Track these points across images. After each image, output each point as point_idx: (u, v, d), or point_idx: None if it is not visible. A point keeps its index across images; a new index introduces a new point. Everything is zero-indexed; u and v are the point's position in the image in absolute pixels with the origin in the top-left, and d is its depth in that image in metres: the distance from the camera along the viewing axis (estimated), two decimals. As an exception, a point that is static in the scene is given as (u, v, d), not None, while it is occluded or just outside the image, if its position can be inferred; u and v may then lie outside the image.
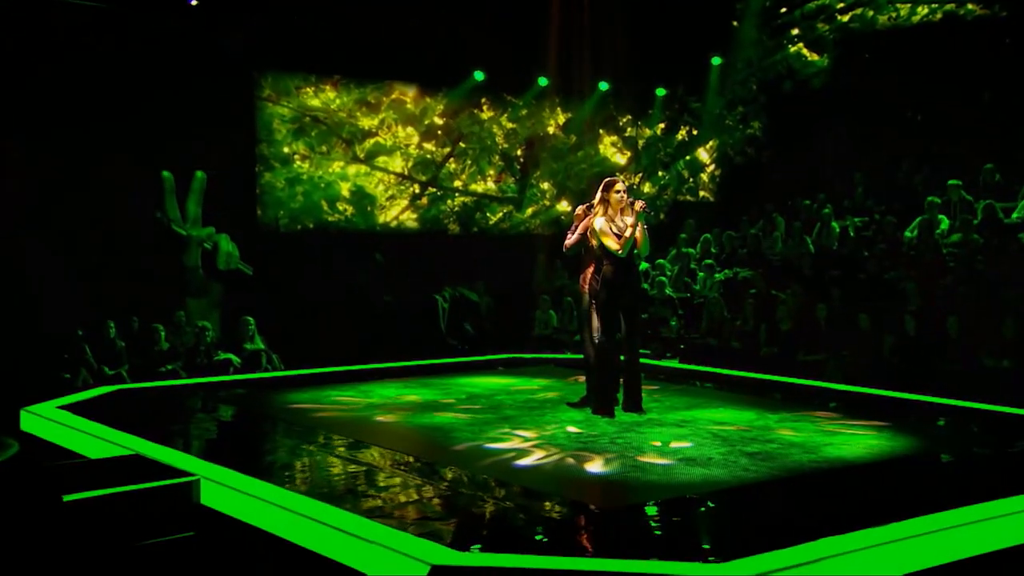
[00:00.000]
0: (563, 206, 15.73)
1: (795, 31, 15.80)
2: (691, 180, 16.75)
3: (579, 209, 7.68)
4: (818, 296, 10.85)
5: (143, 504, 4.63)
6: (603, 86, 15.47)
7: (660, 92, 15.98)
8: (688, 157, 16.60)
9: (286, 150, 13.78)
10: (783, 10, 15.82)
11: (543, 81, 15.03)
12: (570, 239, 7.64)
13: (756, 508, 5.07)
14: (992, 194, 11.82)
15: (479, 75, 14.49)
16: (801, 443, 6.30)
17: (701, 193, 16.83)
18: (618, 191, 7.12)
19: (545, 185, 15.91)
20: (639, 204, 7.07)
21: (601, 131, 16.21)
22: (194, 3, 11.98)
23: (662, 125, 16.40)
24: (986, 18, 13.83)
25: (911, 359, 9.55)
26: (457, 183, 15.18)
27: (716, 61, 15.69)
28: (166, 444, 6.00)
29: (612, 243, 7.01)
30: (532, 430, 6.71)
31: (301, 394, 8.48)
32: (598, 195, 7.20)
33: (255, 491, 4.92)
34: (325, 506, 4.70)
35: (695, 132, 16.49)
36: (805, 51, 15.72)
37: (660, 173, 16.45)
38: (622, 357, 7.22)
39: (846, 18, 15.35)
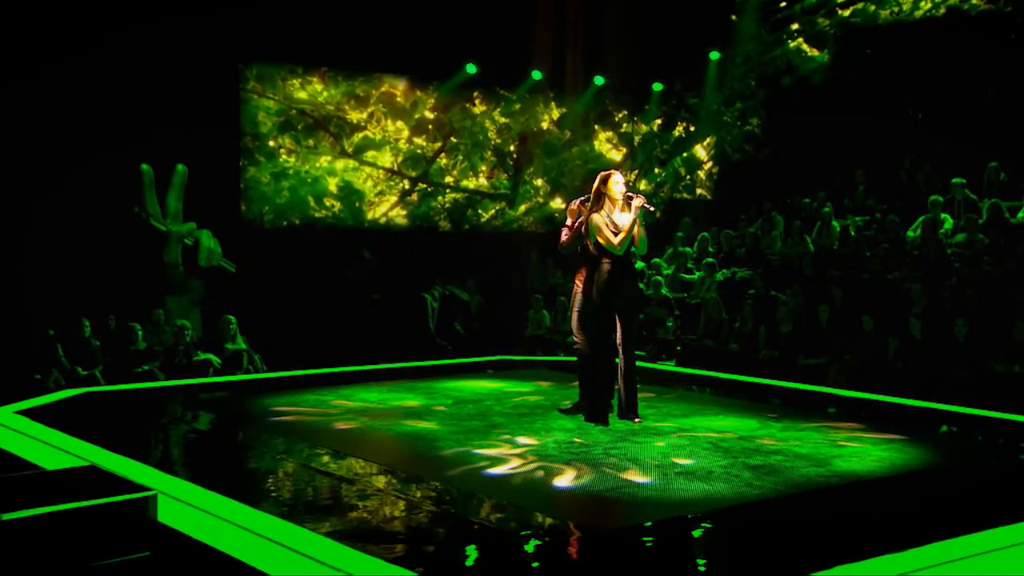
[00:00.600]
0: (557, 203, 15.40)
1: (795, 26, 15.53)
2: (688, 177, 16.41)
3: (573, 204, 7.24)
4: (819, 297, 10.52)
5: (92, 522, 4.23)
6: (598, 80, 15.13)
7: (657, 87, 15.67)
8: (685, 154, 16.27)
9: (272, 144, 13.43)
10: (783, 4, 15.55)
11: (537, 75, 14.68)
12: (565, 236, 7.23)
13: (761, 529, 4.66)
14: (997, 193, 11.57)
15: (471, 68, 14.15)
16: (808, 455, 5.92)
17: (698, 191, 16.51)
18: (616, 183, 6.75)
19: (539, 181, 15.58)
20: (638, 199, 6.70)
21: (596, 127, 15.89)
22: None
23: (659, 121, 16.08)
24: (990, 13, 13.57)
25: (917, 363, 9.21)
26: (448, 179, 14.84)
27: (714, 56, 15.39)
28: (127, 454, 5.61)
29: (608, 240, 6.64)
30: (521, 438, 6.34)
31: (281, 398, 8.09)
32: (594, 188, 6.82)
33: (216, 508, 4.54)
34: (291, 526, 4.33)
35: (692, 128, 16.18)
36: (805, 46, 15.43)
37: (656, 170, 16.12)
38: (617, 360, 6.84)
39: (847, 12, 15.05)
